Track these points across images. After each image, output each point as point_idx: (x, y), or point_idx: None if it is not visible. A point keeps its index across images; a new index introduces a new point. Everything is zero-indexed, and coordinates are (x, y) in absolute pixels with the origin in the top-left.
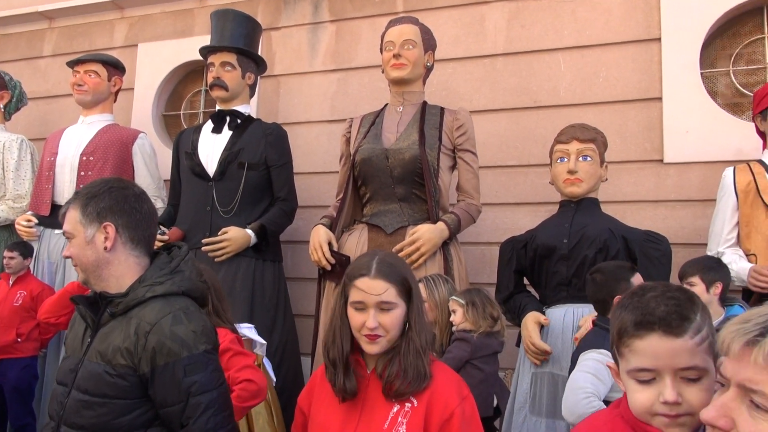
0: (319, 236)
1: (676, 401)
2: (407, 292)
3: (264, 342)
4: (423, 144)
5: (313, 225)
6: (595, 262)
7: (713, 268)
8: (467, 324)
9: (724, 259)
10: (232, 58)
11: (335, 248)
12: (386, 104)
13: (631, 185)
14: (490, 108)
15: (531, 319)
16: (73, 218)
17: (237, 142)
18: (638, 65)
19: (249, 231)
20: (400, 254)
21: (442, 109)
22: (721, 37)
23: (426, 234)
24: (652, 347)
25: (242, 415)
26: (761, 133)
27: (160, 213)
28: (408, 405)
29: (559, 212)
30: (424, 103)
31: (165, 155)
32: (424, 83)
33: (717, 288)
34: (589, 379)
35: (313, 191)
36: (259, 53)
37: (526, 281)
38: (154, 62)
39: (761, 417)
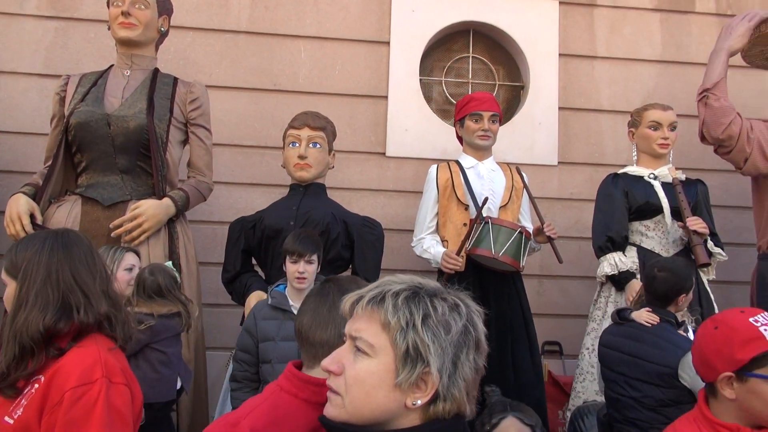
0: (19, 206)
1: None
2: (16, 272)
3: None
4: (151, 114)
5: (13, 193)
6: None
7: (321, 247)
8: (144, 307)
9: (425, 244)
10: None
11: (38, 221)
12: (112, 65)
13: (357, 174)
14: (230, 85)
15: (254, 298)
16: None
17: None
18: (370, 64)
19: None
20: (118, 230)
21: (176, 79)
22: (438, 51)
23: (149, 210)
24: None
25: None
26: (460, 138)
27: None
28: (36, 385)
29: (289, 195)
30: (156, 71)
31: None
32: (156, 49)
33: (318, 267)
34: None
35: (16, 154)
36: None
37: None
38: None
39: (360, 358)
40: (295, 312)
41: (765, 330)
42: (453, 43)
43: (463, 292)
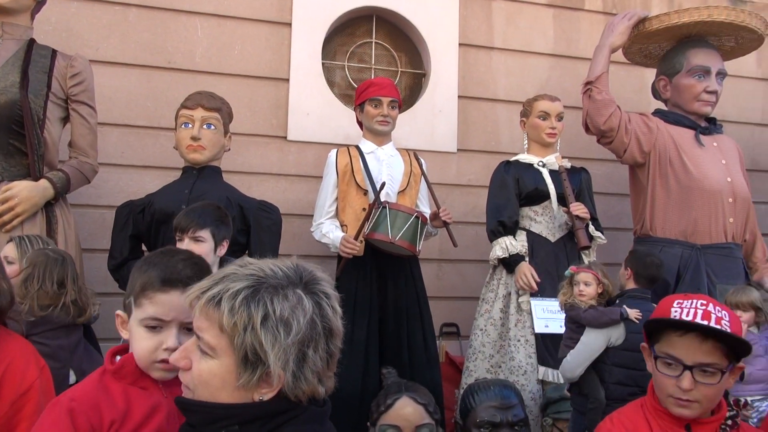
0: None
1: (175, 347)
2: None
3: None
4: (25, 88)
5: None
6: None
7: (226, 224)
8: (29, 298)
9: (323, 229)
10: None
11: None
12: None
13: (258, 158)
14: (120, 61)
15: None
16: None
17: None
18: (271, 45)
19: None
20: None
21: (55, 51)
22: (341, 35)
23: (23, 192)
24: (171, 302)
25: None
26: (360, 123)
27: None
28: None
29: (181, 178)
30: (32, 41)
31: None
32: (32, 18)
33: (222, 249)
34: None
35: None
36: None
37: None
38: None
39: (204, 358)
40: None
41: (676, 311)
42: (356, 27)
43: (323, 278)
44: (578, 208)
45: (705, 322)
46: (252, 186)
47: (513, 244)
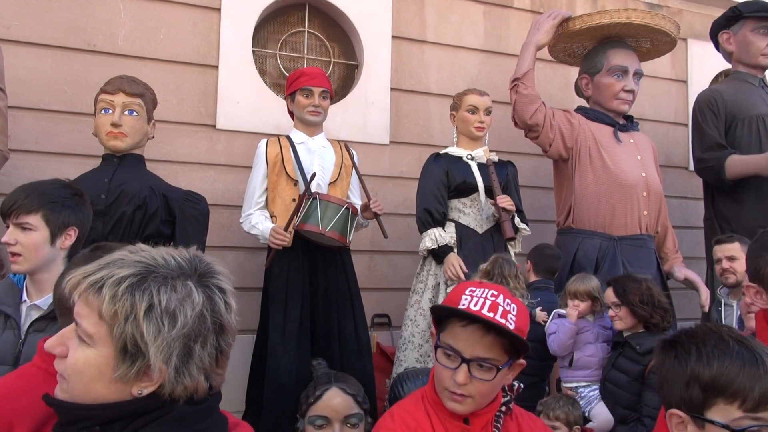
0: None
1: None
2: None
3: None
4: None
5: None
6: (133, 219)
7: (72, 207)
8: None
9: (253, 220)
10: None
11: None
12: None
13: (185, 147)
14: (35, 41)
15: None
16: None
17: None
18: (198, 30)
19: None
20: None
21: None
22: (273, 22)
23: None
24: None
25: None
26: (291, 113)
27: None
28: None
29: (101, 166)
30: None
31: None
32: None
33: (68, 239)
34: None
35: None
36: None
37: None
38: None
39: (81, 346)
40: (21, 320)
41: (467, 298)
42: (289, 16)
43: (220, 272)
44: (504, 201)
45: (491, 314)
46: (179, 175)
47: (442, 235)
